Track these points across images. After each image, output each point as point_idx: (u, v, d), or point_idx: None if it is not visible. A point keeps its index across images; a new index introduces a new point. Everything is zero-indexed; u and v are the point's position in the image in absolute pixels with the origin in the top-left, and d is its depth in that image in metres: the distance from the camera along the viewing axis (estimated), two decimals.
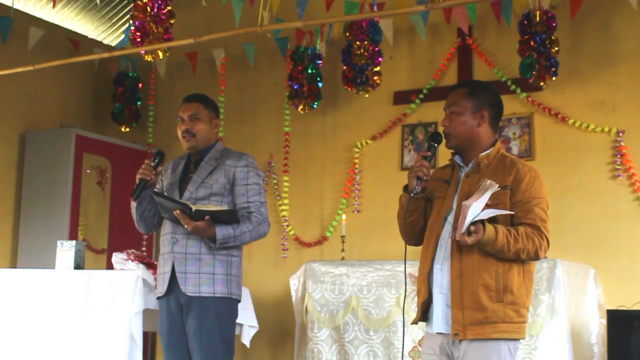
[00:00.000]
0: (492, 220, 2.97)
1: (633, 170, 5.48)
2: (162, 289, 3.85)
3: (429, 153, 3.14)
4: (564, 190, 5.68)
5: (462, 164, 3.20)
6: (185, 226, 3.71)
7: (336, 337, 5.23)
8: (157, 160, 3.93)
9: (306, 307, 5.34)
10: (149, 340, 6.63)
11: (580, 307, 4.94)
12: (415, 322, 3.23)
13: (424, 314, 3.15)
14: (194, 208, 3.69)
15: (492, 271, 2.99)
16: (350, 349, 5.18)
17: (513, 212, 3.01)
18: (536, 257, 3.03)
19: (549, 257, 4.82)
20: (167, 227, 3.89)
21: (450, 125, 3.16)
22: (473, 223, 2.89)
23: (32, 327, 4.61)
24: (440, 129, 3.24)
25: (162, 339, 3.90)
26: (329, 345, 5.24)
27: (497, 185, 2.93)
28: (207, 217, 3.70)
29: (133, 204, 3.96)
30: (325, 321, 5.27)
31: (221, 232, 3.74)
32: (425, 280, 3.11)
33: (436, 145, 3.20)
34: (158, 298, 3.94)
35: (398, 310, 5.04)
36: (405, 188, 3.17)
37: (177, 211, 3.68)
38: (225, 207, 3.81)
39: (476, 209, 2.88)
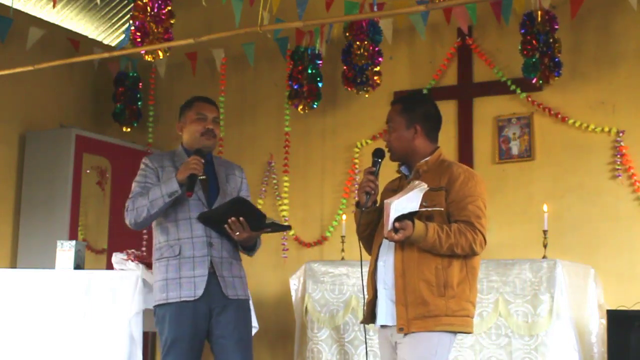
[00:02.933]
0: (429, 220, 3.09)
1: (633, 170, 5.48)
2: (192, 292, 3.69)
3: (374, 169, 3.29)
4: (564, 190, 5.69)
5: (408, 174, 3.33)
6: (237, 233, 3.69)
7: (336, 337, 5.23)
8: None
9: (306, 307, 5.34)
10: (149, 340, 6.63)
11: (580, 307, 4.94)
12: (365, 322, 3.33)
13: (372, 312, 3.26)
14: (268, 220, 3.77)
15: (431, 267, 3.10)
16: (350, 349, 5.18)
17: (439, 209, 3.12)
18: (472, 252, 3.12)
19: (549, 257, 4.84)
20: (197, 230, 3.76)
21: (388, 140, 3.34)
22: (399, 220, 2.98)
23: (32, 327, 4.61)
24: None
25: (181, 343, 3.70)
26: (329, 345, 5.24)
27: (425, 185, 3.05)
28: (268, 230, 3.82)
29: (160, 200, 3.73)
30: (325, 321, 5.27)
31: (258, 241, 3.91)
32: (371, 279, 3.25)
33: (380, 160, 3.33)
34: (173, 302, 3.72)
35: None
36: (358, 204, 3.30)
37: (234, 219, 3.66)
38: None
39: (400, 206, 2.98)
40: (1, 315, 4.73)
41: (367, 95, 6.08)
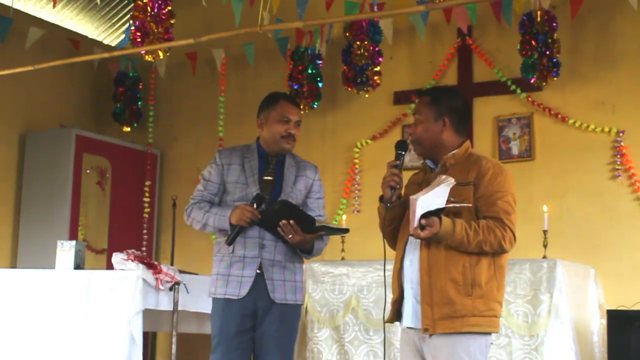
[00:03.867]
0: (456, 216, 3.01)
1: (633, 170, 5.49)
2: (237, 291, 3.72)
3: (398, 162, 3.20)
4: (564, 190, 5.69)
5: (434, 167, 3.25)
6: (290, 236, 3.66)
7: (336, 337, 5.23)
8: (256, 204, 3.74)
9: (306, 307, 5.34)
10: (149, 340, 6.63)
11: (580, 307, 4.93)
12: (389, 321, 3.25)
13: (398, 312, 3.19)
14: (317, 224, 3.70)
15: (459, 265, 3.02)
16: (350, 349, 5.18)
17: (467, 205, 3.03)
18: (501, 249, 3.04)
19: (549, 257, 4.84)
20: (251, 230, 3.75)
21: (414, 132, 3.26)
22: (425, 216, 2.92)
23: (32, 327, 4.60)
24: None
25: (225, 340, 3.76)
26: (329, 345, 5.24)
27: (452, 179, 2.97)
28: (321, 233, 3.75)
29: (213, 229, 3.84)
30: (325, 321, 5.27)
31: (316, 244, 3.81)
32: (397, 278, 3.16)
33: (403, 153, 3.24)
34: (221, 298, 3.78)
35: None
36: (382, 198, 3.22)
37: (285, 222, 3.63)
38: (339, 225, 3.88)
39: (426, 202, 2.91)
40: (1, 315, 4.73)
41: (367, 95, 6.08)
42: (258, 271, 3.73)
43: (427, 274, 3.04)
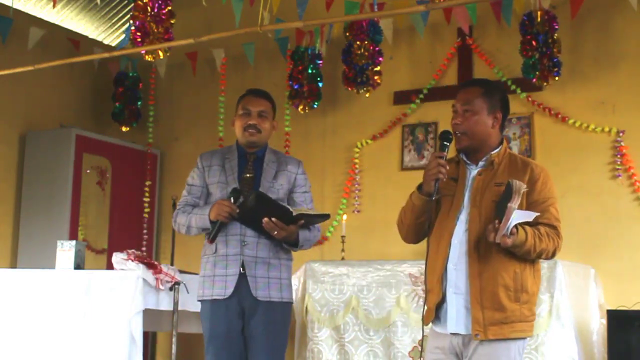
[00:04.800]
0: None
1: (633, 170, 5.48)
2: (223, 291, 3.71)
3: (445, 153, 3.07)
4: (564, 190, 5.68)
5: (468, 161, 3.16)
6: (275, 232, 3.62)
7: (336, 337, 5.23)
8: (233, 199, 3.72)
9: (306, 307, 5.34)
10: (149, 340, 6.63)
11: (580, 307, 4.93)
12: (428, 323, 3.15)
13: (436, 314, 3.11)
14: (294, 212, 3.63)
15: (510, 271, 2.99)
16: (350, 349, 5.18)
17: (536, 214, 2.99)
18: (553, 257, 3.06)
19: None
20: (233, 228, 3.73)
21: (464, 123, 3.09)
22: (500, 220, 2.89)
23: (32, 327, 4.61)
24: (446, 127, 3.20)
25: (215, 341, 3.75)
26: (329, 345, 5.24)
27: (524, 185, 2.93)
28: (301, 222, 3.66)
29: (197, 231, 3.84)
30: (325, 321, 5.27)
31: (302, 235, 3.74)
32: (440, 281, 3.05)
33: (448, 144, 3.11)
34: (208, 300, 3.78)
35: (398, 310, 5.04)
36: (419, 187, 3.10)
37: (267, 220, 3.58)
38: (318, 211, 3.82)
39: (521, 215, 2.90)
40: (1, 315, 4.73)
41: (367, 95, 6.08)
42: (242, 270, 3.69)
43: (478, 278, 2.98)
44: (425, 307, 3.13)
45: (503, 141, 3.17)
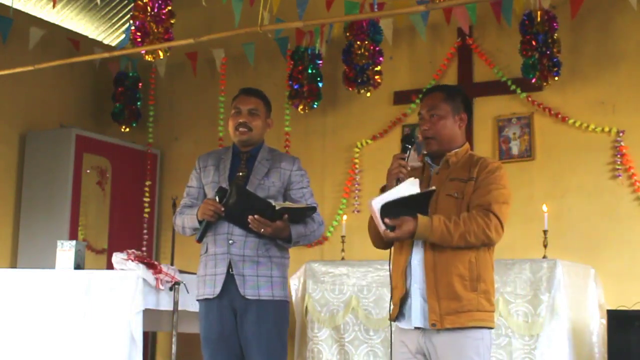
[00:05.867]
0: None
1: (633, 170, 5.49)
2: (212, 290, 3.69)
3: (406, 155, 3.19)
4: (564, 190, 5.69)
5: (431, 163, 3.24)
6: (262, 230, 3.59)
7: (336, 337, 5.23)
8: (218, 198, 3.70)
9: (306, 307, 5.34)
10: (149, 340, 6.63)
11: (580, 307, 4.94)
12: (393, 320, 3.20)
13: (401, 310, 3.15)
14: (277, 206, 3.58)
15: (465, 261, 3.02)
16: (350, 349, 5.18)
17: (432, 189, 3.05)
18: (487, 238, 3.01)
19: (549, 257, 4.84)
20: (220, 227, 3.71)
21: (432, 128, 3.19)
22: (386, 216, 2.98)
23: (32, 327, 4.61)
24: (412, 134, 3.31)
25: (209, 343, 3.75)
26: (329, 345, 5.24)
27: (413, 178, 3.04)
28: (285, 217, 3.61)
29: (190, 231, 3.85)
30: (325, 321, 5.27)
31: (295, 230, 3.70)
32: (403, 276, 3.12)
33: (410, 147, 3.23)
34: (202, 300, 3.78)
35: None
36: (383, 190, 3.19)
37: (256, 216, 3.56)
38: (304, 204, 3.77)
39: (381, 200, 2.99)
40: (1, 315, 4.73)
41: (368, 94, 6.08)
42: (231, 271, 3.67)
43: (433, 270, 3.03)
44: (391, 305, 3.18)
45: (465, 143, 3.23)
